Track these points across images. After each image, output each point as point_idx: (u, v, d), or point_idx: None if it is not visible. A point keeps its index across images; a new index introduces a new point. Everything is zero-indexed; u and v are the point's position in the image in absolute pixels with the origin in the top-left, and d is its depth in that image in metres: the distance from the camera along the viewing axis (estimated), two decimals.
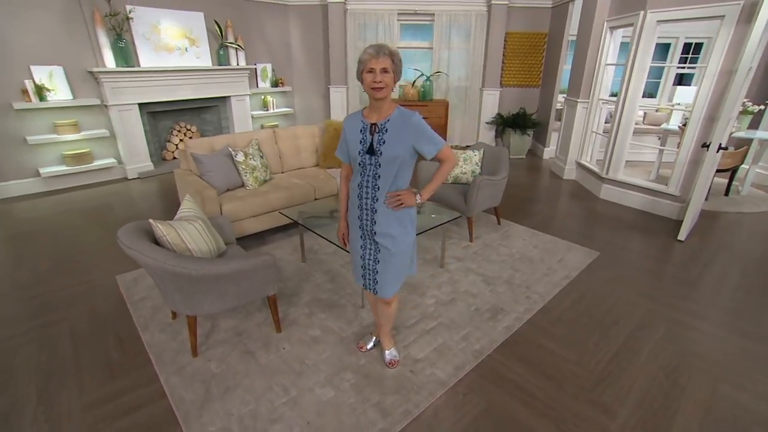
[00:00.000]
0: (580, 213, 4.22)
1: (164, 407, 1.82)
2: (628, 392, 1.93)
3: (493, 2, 6.12)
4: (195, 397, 1.87)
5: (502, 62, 6.51)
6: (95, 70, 4.68)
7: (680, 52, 6.98)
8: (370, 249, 1.82)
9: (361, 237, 1.83)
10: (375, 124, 1.65)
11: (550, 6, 6.26)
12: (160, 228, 1.99)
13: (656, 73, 7.13)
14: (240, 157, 3.41)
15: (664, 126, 5.44)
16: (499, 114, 6.59)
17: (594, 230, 3.78)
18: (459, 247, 3.37)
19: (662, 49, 7.13)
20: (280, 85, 6.93)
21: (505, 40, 6.39)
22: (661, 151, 4.97)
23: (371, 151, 1.66)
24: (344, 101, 7.08)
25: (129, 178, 5.26)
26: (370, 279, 1.88)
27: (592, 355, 2.18)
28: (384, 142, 1.64)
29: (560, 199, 4.64)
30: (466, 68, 6.63)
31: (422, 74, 6.47)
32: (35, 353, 2.18)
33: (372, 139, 1.66)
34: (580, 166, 5.21)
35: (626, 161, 4.47)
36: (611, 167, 4.46)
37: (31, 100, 4.43)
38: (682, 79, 7.43)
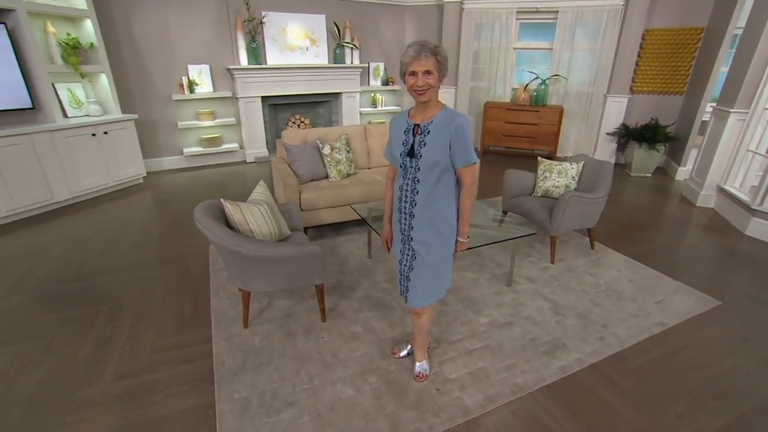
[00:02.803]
0: (708, 249, 3.43)
1: (208, 366, 2.05)
2: None
3: None
4: (233, 364, 2.05)
5: (636, 65, 5.62)
6: (231, 67, 5.46)
7: None
8: (407, 254, 1.77)
9: (401, 241, 1.78)
10: (418, 125, 1.58)
11: None
12: (229, 207, 2.22)
13: None
14: (326, 150, 3.61)
15: None
16: (623, 124, 5.72)
17: (723, 273, 3.04)
18: (535, 268, 3.03)
19: None
20: (391, 83, 7.12)
21: (642, 39, 5.50)
22: None
23: (412, 153, 1.59)
24: (452, 102, 6.96)
25: (247, 161, 6.02)
26: (403, 285, 1.84)
27: (667, 427, 1.76)
28: (424, 145, 1.55)
29: (685, 230, 3.83)
30: (589, 71, 5.90)
31: (537, 77, 5.97)
32: (139, 295, 2.66)
33: (414, 140, 1.59)
34: (722, 192, 4.22)
35: None
36: None
37: (184, 93, 5.37)
38: None
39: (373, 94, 7.08)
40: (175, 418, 1.76)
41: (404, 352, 2.12)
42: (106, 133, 4.46)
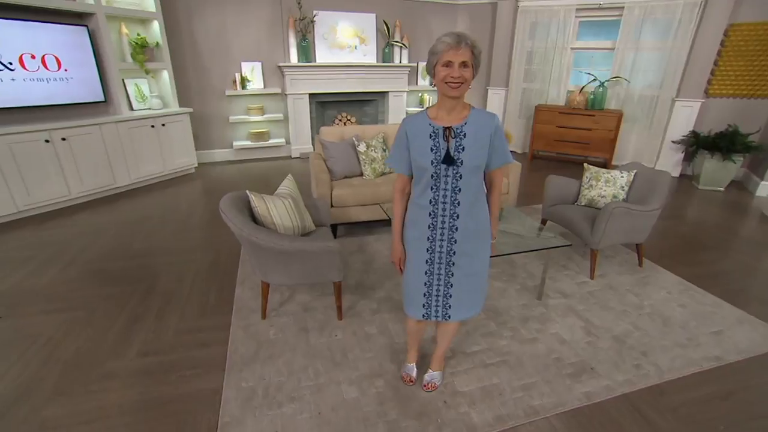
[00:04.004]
0: None
1: (221, 352, 2.10)
2: None
3: None
4: (245, 353, 2.09)
5: (714, 65, 5.04)
6: (282, 64, 5.64)
7: None
8: (440, 273, 1.59)
9: (427, 261, 1.58)
10: (450, 127, 1.42)
11: None
12: (253, 199, 2.27)
13: None
14: (362, 148, 3.60)
15: None
16: (693, 132, 5.16)
17: None
18: (572, 282, 2.81)
19: None
20: None
21: (724, 35, 4.91)
22: None
23: (449, 160, 1.42)
24: (502, 104, 6.71)
25: (292, 156, 6.19)
26: (438, 306, 1.64)
27: None
28: (463, 149, 1.42)
29: (760, 253, 3.37)
30: (655, 73, 5.39)
31: (595, 79, 5.56)
32: (172, 279, 2.81)
33: (448, 145, 1.43)
34: None
35: None
36: None
37: (236, 89, 5.63)
38: None
39: (420, 94, 7.00)
40: (184, 399, 1.82)
41: (415, 373, 1.95)
42: (163, 125, 4.79)
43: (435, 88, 1.41)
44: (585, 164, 3.18)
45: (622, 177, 3.00)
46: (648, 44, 5.35)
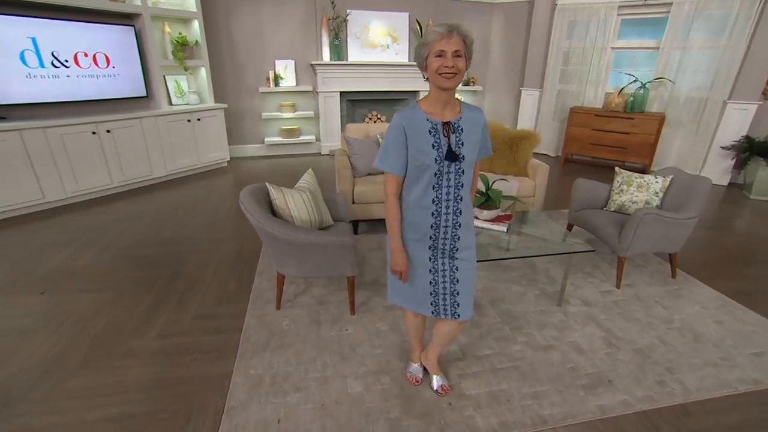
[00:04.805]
0: None
1: (235, 339, 2.16)
2: None
3: None
4: (257, 342, 2.14)
5: None
6: (314, 63, 5.74)
7: None
8: (444, 270, 1.55)
9: (430, 259, 1.55)
10: (448, 122, 1.39)
11: None
12: (272, 191, 2.32)
13: None
14: None
15: None
16: (747, 137, 4.79)
17: None
18: (595, 290, 2.68)
19: None
20: (471, 84, 6.89)
21: None
22: None
23: (451, 156, 1.38)
24: (535, 106, 6.51)
25: (322, 153, 6.29)
26: (446, 304, 1.60)
27: None
28: (463, 144, 1.40)
29: None
30: (705, 74, 5.04)
31: (636, 80, 5.28)
32: (196, 267, 2.92)
33: (449, 140, 1.39)
34: None
35: None
36: None
37: (270, 86, 5.79)
38: None
39: None
40: (195, 381, 1.89)
41: (421, 374, 1.93)
42: (199, 119, 4.99)
43: (427, 80, 1.38)
44: (616, 168, 3.03)
45: (656, 182, 2.83)
46: (698, 43, 5.02)
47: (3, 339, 2.15)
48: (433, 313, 1.64)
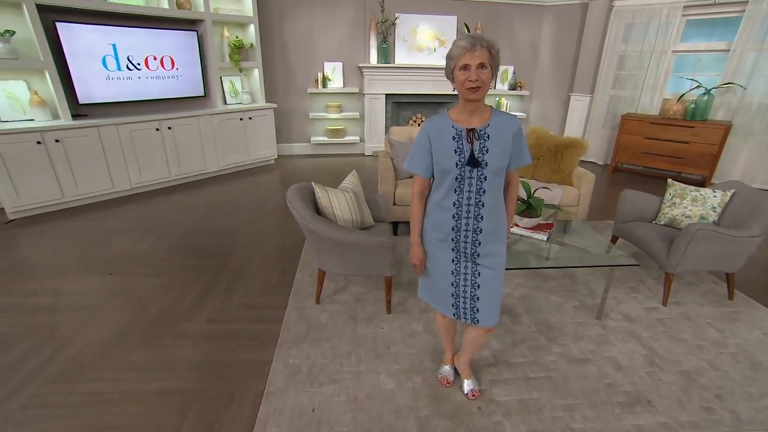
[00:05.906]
0: None
1: (275, 330, 2.29)
2: None
3: None
4: (297, 333, 2.26)
5: None
6: (362, 65, 5.87)
7: None
8: (466, 273, 1.59)
9: (453, 261, 1.60)
10: (473, 129, 1.43)
11: None
12: (318, 190, 2.43)
13: None
14: None
15: None
16: None
17: None
18: (639, 306, 2.57)
19: None
20: (519, 88, 6.75)
21: None
22: None
23: (473, 162, 1.43)
24: (584, 112, 6.27)
25: (365, 154, 6.42)
26: (467, 308, 1.63)
27: None
28: (488, 151, 1.43)
29: None
30: None
31: (699, 85, 4.95)
32: (242, 258, 3.11)
33: (472, 147, 1.43)
34: None
35: None
36: None
37: (318, 87, 5.99)
38: None
39: (498, 99, 6.81)
40: (239, 365, 2.03)
41: (452, 376, 1.97)
42: (250, 118, 5.27)
43: (455, 92, 1.44)
44: (669, 180, 2.88)
45: (714, 196, 2.67)
46: None
47: (78, 313, 2.42)
48: (454, 315, 1.69)
